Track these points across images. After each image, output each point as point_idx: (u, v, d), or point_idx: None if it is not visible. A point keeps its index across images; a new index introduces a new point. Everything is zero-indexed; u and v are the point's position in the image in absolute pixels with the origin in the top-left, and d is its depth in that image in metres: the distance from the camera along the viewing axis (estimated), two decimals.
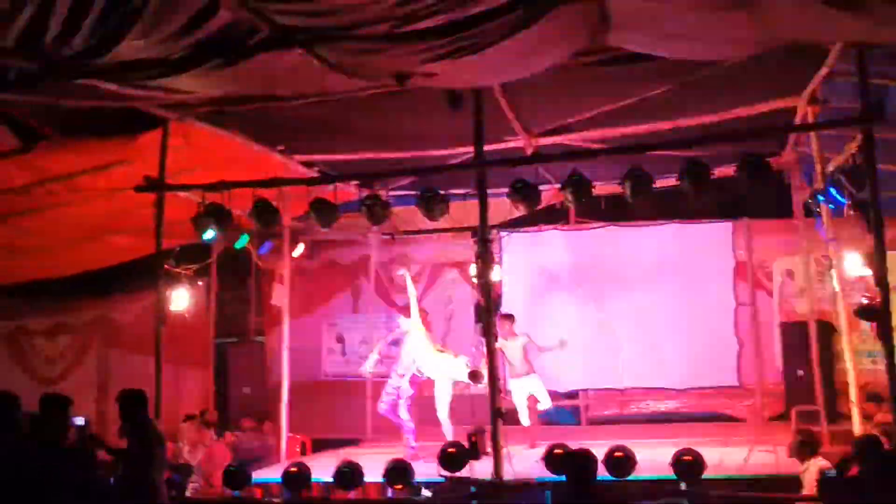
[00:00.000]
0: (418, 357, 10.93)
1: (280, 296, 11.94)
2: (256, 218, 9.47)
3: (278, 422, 11.95)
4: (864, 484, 6.42)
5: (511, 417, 10.61)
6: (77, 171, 9.95)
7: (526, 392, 11.49)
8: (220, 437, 12.33)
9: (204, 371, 14.85)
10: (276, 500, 9.46)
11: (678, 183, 8.45)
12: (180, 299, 10.05)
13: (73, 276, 13.45)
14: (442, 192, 8.98)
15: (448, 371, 10.66)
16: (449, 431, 10.58)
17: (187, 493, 9.43)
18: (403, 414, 11.01)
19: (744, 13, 5.73)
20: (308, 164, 11.53)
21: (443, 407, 10.77)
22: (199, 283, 11.88)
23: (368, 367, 11.74)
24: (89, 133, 9.26)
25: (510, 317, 11.82)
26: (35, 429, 6.08)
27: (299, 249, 12.42)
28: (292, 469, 8.56)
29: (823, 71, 8.40)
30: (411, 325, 11.17)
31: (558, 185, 8.93)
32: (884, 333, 7.52)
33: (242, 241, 11.04)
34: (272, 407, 12.84)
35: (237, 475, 8.64)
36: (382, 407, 11.21)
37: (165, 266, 9.79)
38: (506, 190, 8.78)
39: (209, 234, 9.51)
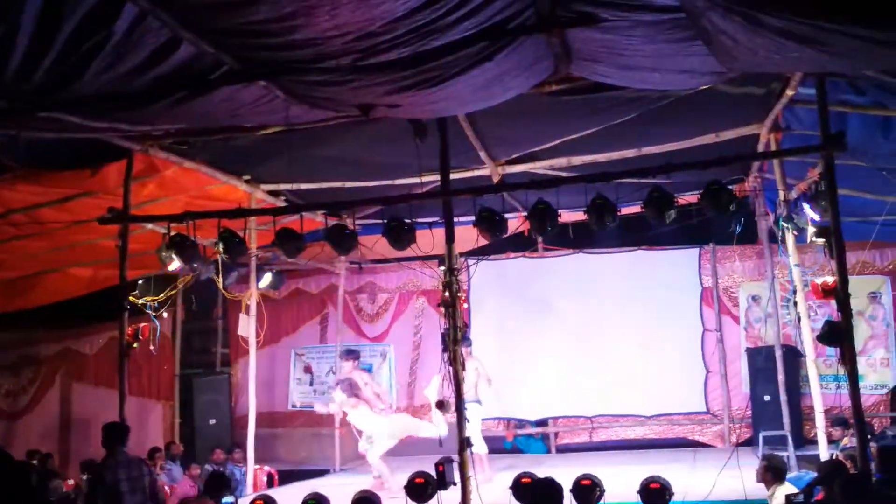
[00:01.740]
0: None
1: (246, 326, 11.84)
2: (222, 248, 9.40)
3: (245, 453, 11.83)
4: None
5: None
6: (40, 202, 9.86)
7: (472, 418, 11.45)
8: (185, 469, 12.21)
9: (169, 403, 14.73)
10: None
11: (643, 210, 8.51)
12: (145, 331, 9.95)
13: (35, 308, 13.29)
14: (408, 220, 8.97)
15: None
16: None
17: None
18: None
19: (701, 46, 5.80)
20: (274, 194, 11.50)
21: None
22: (164, 314, 11.79)
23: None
24: (52, 165, 9.19)
25: (465, 340, 11.77)
26: None
27: (266, 280, 12.34)
28: (258, 501, 8.45)
29: (784, 99, 8.50)
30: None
31: (525, 213, 8.95)
32: (848, 358, 7.58)
33: None
34: (239, 438, 12.72)
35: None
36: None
37: (129, 298, 9.69)
38: (472, 218, 8.79)
39: (174, 266, 9.42)
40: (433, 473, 8.07)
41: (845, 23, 4.72)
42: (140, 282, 10.96)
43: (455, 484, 8.27)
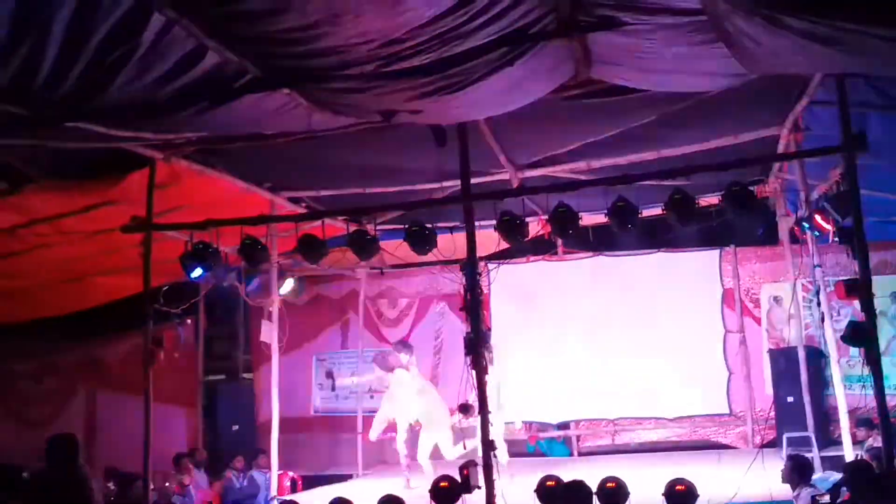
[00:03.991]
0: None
1: (268, 332, 11.90)
2: (244, 256, 9.46)
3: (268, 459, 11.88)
4: None
5: None
6: (64, 212, 9.93)
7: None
8: (212, 478, 12.27)
9: (193, 410, 14.79)
10: None
11: (664, 213, 8.51)
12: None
13: (59, 317, 13.38)
14: (429, 225, 9.00)
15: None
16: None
17: None
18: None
19: (721, 48, 5.82)
20: (295, 201, 11.55)
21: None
22: (188, 321, 11.86)
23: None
24: (76, 174, 9.27)
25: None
26: None
27: (288, 286, 12.40)
28: None
29: (805, 100, 8.49)
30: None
31: (545, 217, 8.97)
32: (872, 359, 7.56)
33: None
34: (262, 444, 12.76)
35: None
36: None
37: (153, 305, 9.76)
38: (493, 222, 8.81)
39: (197, 273, 9.48)
40: (458, 477, 8.11)
41: (867, 23, 4.73)
42: (163, 289, 11.03)
43: (479, 488, 8.29)
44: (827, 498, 7.58)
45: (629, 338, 14.18)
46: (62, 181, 9.35)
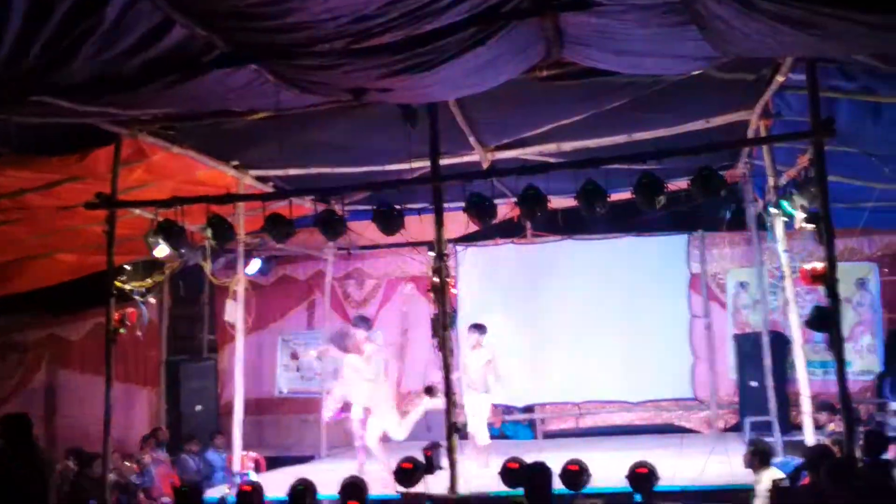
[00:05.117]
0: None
1: (232, 312, 11.80)
2: (210, 234, 9.36)
3: (230, 439, 11.79)
4: (816, 492, 6.50)
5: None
6: (27, 188, 9.77)
7: (473, 408, 11.45)
8: (173, 457, 12.19)
9: (155, 389, 14.68)
10: None
11: (633, 196, 8.51)
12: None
13: (21, 293, 13.20)
14: (398, 206, 8.95)
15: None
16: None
17: None
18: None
19: (694, 31, 5.79)
20: (262, 180, 11.44)
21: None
22: (152, 300, 11.73)
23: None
24: (39, 150, 9.10)
25: (481, 328, 11.74)
26: None
27: (254, 266, 12.30)
28: (245, 487, 8.44)
29: (775, 85, 8.51)
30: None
31: (514, 199, 8.95)
32: (835, 344, 7.61)
33: None
34: (225, 425, 12.69)
35: (188, 494, 8.47)
36: None
37: (116, 283, 9.63)
38: (462, 204, 8.77)
39: (161, 251, 9.37)
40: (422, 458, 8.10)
41: (838, 6, 4.73)
42: (127, 267, 10.90)
43: (442, 469, 8.30)
44: (787, 482, 7.65)
45: (596, 321, 14.25)
46: (25, 156, 9.18)
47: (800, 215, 8.45)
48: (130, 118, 8.17)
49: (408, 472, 8.05)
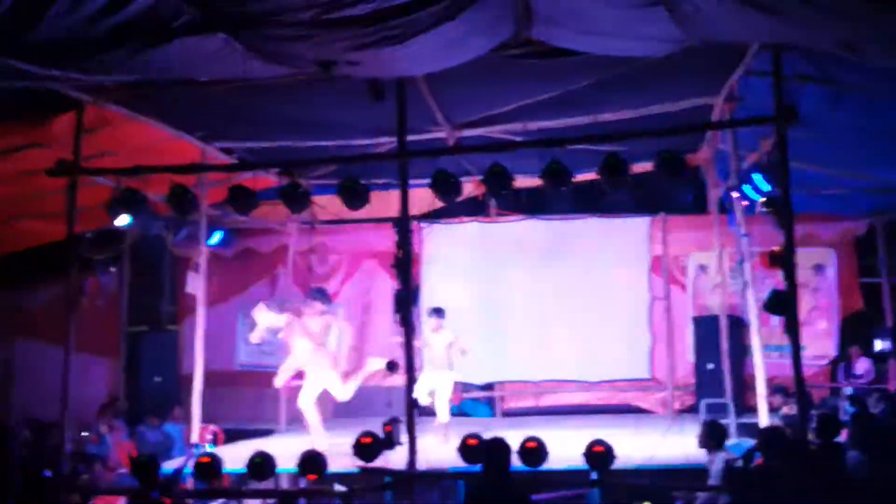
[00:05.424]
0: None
1: (194, 284, 11.74)
2: (173, 204, 9.27)
3: (189, 411, 11.75)
4: (768, 474, 6.61)
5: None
6: None
7: (435, 385, 11.48)
8: (131, 429, 12.12)
9: (114, 360, 14.57)
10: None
11: (597, 177, 8.56)
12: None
13: None
14: (363, 181, 8.93)
15: None
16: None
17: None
18: None
19: (662, 11, 5.83)
20: (227, 151, 11.36)
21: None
22: (112, 269, 11.62)
23: None
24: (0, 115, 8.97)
25: (440, 311, 11.76)
26: None
27: (216, 237, 12.22)
28: (204, 459, 8.43)
29: (740, 70, 8.58)
30: None
31: (480, 177, 8.96)
32: (791, 328, 7.73)
33: None
34: (184, 396, 12.63)
35: (145, 465, 8.44)
36: None
37: (77, 252, 9.53)
38: (427, 181, 8.77)
39: (123, 221, 9.28)
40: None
41: None
42: (88, 236, 10.77)
43: (402, 444, 8.34)
44: (740, 462, 7.77)
45: (556, 301, 14.34)
46: None
47: (760, 200, 8.55)
48: (95, 85, 8.07)
49: (367, 447, 8.09)
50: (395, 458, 8.34)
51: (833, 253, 14.08)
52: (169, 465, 9.72)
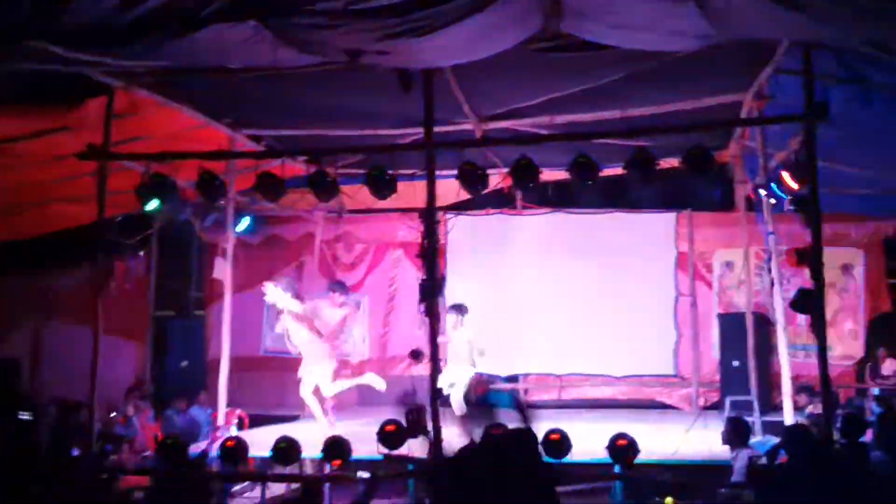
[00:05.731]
0: None
1: (221, 270, 11.81)
2: (202, 190, 9.36)
3: (215, 396, 11.84)
4: (792, 472, 6.59)
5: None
6: (17, 135, 9.72)
7: (455, 378, 11.49)
8: (157, 413, 12.23)
9: (141, 344, 14.70)
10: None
11: (624, 172, 8.54)
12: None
13: (7, 242, 13.16)
14: (390, 171, 8.96)
15: None
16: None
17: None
18: None
19: (693, 7, 5.81)
20: (256, 139, 11.43)
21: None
22: (140, 254, 11.71)
23: None
24: (31, 98, 9.05)
25: (461, 308, 11.75)
26: None
27: (244, 224, 12.29)
28: (230, 442, 8.53)
29: (769, 67, 8.53)
30: None
31: (506, 170, 8.97)
32: (817, 327, 7.69)
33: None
34: (210, 381, 12.73)
35: (172, 447, 8.53)
36: None
37: (106, 236, 9.62)
38: (454, 172, 8.79)
39: (152, 206, 9.35)
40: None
41: None
42: (117, 220, 10.87)
43: (429, 433, 8.37)
44: (764, 460, 7.75)
45: (582, 295, 14.32)
46: (16, 104, 9.13)
47: (788, 198, 8.50)
48: (125, 70, 8.13)
49: (392, 435, 8.14)
50: (418, 446, 8.38)
51: (861, 253, 13.97)
52: (195, 449, 9.83)
